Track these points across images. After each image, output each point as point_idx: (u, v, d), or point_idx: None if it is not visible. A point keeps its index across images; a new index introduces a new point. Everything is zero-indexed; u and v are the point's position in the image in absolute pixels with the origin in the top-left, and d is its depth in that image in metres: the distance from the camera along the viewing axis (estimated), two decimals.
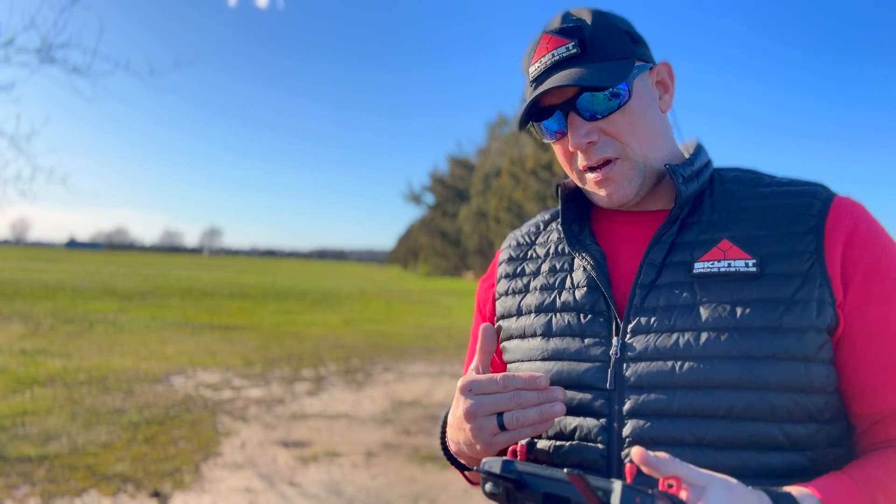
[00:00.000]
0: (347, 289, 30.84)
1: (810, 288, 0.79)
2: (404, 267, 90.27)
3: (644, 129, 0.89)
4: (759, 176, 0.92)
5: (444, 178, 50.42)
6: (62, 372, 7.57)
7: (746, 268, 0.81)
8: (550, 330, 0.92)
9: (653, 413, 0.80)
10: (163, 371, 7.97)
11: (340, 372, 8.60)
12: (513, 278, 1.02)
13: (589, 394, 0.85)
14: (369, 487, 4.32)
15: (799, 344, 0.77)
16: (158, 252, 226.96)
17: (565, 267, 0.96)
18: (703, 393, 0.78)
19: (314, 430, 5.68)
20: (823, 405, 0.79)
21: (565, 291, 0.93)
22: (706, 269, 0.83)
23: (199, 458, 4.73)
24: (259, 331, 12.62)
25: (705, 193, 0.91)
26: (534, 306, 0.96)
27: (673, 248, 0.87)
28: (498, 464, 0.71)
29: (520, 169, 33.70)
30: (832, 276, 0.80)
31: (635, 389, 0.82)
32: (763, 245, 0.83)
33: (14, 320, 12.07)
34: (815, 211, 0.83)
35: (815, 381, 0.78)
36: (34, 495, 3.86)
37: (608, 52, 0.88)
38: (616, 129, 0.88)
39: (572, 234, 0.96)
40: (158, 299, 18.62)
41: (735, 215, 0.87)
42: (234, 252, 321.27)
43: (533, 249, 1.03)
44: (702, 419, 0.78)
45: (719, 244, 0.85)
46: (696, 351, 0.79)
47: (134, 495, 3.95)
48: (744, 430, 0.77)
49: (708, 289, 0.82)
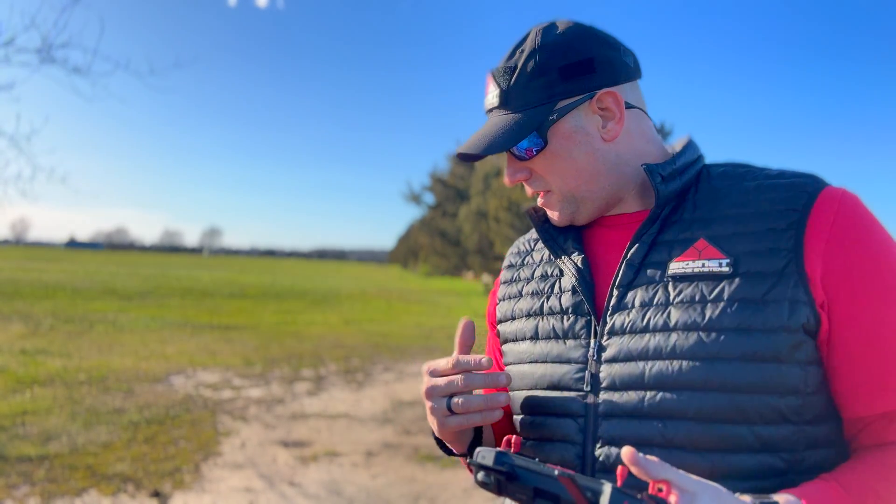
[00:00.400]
0: (347, 289, 30.85)
1: (784, 287, 0.77)
2: (404, 267, 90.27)
3: (569, 168, 0.91)
4: (748, 170, 0.90)
5: (444, 177, 50.39)
6: (62, 372, 7.57)
7: (720, 268, 0.80)
8: (537, 334, 0.95)
9: (625, 414, 0.81)
10: (163, 371, 7.97)
11: (340, 372, 8.60)
12: (510, 284, 1.06)
13: (568, 394, 0.87)
14: (369, 487, 4.32)
15: (769, 345, 0.76)
16: (158, 252, 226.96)
17: (555, 273, 0.99)
18: (671, 394, 0.78)
19: (314, 430, 5.68)
20: (799, 406, 0.77)
21: (553, 296, 0.96)
22: (680, 269, 0.83)
23: (199, 458, 4.73)
24: (259, 331, 12.62)
25: (690, 191, 0.90)
26: (524, 311, 0.99)
27: (653, 247, 0.87)
28: (492, 455, 0.71)
29: None
30: (810, 274, 0.77)
31: (609, 390, 0.83)
32: (740, 243, 0.81)
33: (14, 320, 12.07)
34: (799, 205, 0.80)
35: (789, 383, 0.76)
36: (34, 495, 3.86)
37: (526, 100, 0.90)
38: (541, 170, 0.93)
39: (556, 245, 0.98)
40: (158, 299, 18.62)
41: (716, 213, 0.86)
42: (234, 252, 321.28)
43: (530, 256, 1.07)
44: (671, 420, 0.78)
45: (696, 243, 0.84)
46: (666, 352, 0.79)
47: (134, 495, 3.95)
48: (712, 431, 0.76)
49: (681, 289, 0.82)
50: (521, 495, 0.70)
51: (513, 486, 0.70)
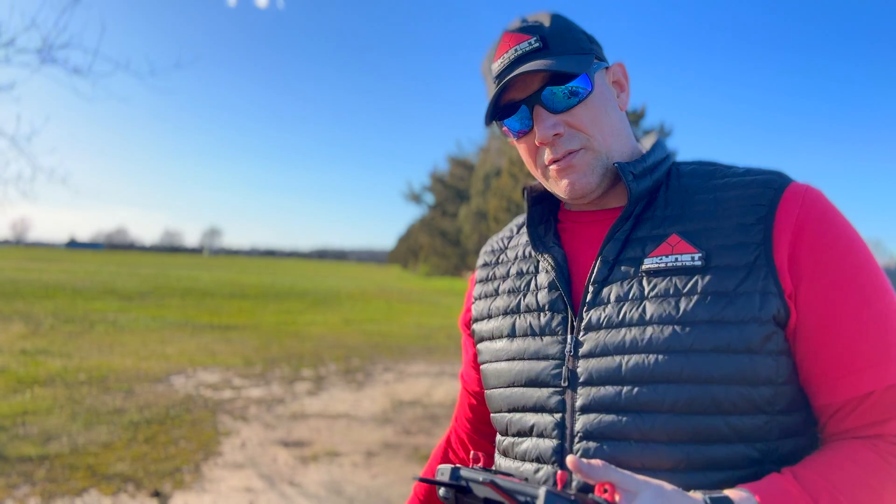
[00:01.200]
0: (347, 289, 30.85)
1: (755, 279, 0.79)
2: (404, 267, 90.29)
3: (606, 123, 0.91)
4: (715, 168, 0.93)
5: (444, 177, 50.43)
6: (62, 372, 7.58)
7: (692, 262, 0.82)
8: (514, 331, 0.95)
9: (602, 408, 0.82)
10: (163, 371, 7.98)
11: (340, 372, 8.60)
12: (485, 283, 1.06)
13: (546, 391, 0.88)
14: (369, 487, 4.32)
15: (741, 336, 0.77)
16: (158, 252, 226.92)
17: (531, 270, 0.98)
18: (647, 387, 0.79)
19: (314, 430, 5.68)
20: (772, 396, 0.78)
21: (529, 294, 0.96)
22: (654, 264, 0.84)
23: (199, 458, 4.73)
24: (259, 331, 12.62)
25: (661, 189, 0.92)
26: (501, 309, 0.99)
27: (626, 244, 0.88)
28: (447, 471, 0.76)
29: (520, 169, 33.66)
30: (779, 266, 0.79)
31: (586, 385, 0.84)
32: (711, 238, 0.83)
33: (14, 320, 12.08)
34: (765, 200, 0.83)
35: (762, 373, 0.78)
36: (34, 495, 3.87)
37: (568, 47, 0.89)
38: (580, 122, 0.89)
39: (537, 236, 0.98)
40: (158, 299, 18.62)
41: (687, 209, 0.88)
42: (234, 252, 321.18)
43: (504, 254, 1.06)
44: (647, 413, 0.79)
45: (668, 239, 0.85)
46: (641, 346, 0.81)
47: (134, 495, 3.95)
48: (687, 423, 0.77)
49: (655, 284, 0.83)
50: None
51: (468, 499, 0.74)
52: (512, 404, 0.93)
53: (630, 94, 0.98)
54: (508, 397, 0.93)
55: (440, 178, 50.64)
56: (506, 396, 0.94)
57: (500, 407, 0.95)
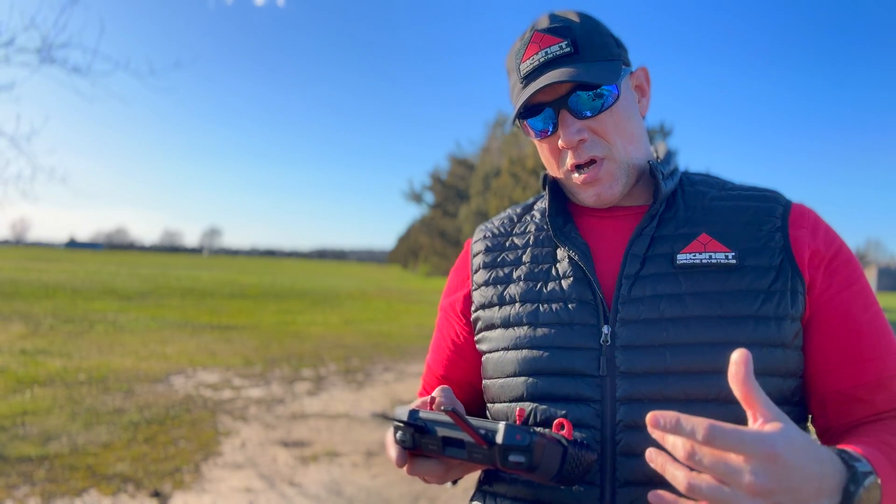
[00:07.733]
0: (347, 288, 30.85)
1: (784, 279, 0.85)
2: (404, 267, 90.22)
3: (628, 130, 0.93)
4: (723, 181, 1.00)
5: (444, 177, 50.40)
6: (62, 372, 7.57)
7: (727, 260, 0.87)
8: (538, 319, 0.93)
9: (646, 398, 0.83)
10: (163, 371, 7.97)
11: (340, 372, 8.60)
12: (493, 268, 1.02)
13: (580, 380, 0.87)
14: (369, 487, 4.32)
15: (778, 331, 0.83)
16: (158, 252, 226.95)
17: (548, 258, 0.98)
18: (694, 378, 0.82)
19: (314, 430, 5.68)
20: (795, 388, 0.86)
21: (551, 281, 0.95)
22: (689, 260, 0.88)
23: (199, 458, 4.73)
24: (259, 331, 12.62)
25: (678, 193, 0.96)
26: (518, 295, 0.96)
27: (653, 241, 0.91)
28: (405, 413, 0.76)
29: (520, 168, 33.67)
30: (801, 268, 0.86)
31: (627, 376, 0.85)
32: (738, 240, 0.88)
33: (14, 320, 12.07)
34: (777, 213, 0.91)
35: (791, 366, 0.84)
36: (34, 495, 3.86)
37: (598, 53, 0.91)
38: (604, 129, 0.91)
39: (557, 226, 0.98)
40: (158, 299, 18.62)
41: (709, 213, 0.92)
42: (234, 252, 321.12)
43: (510, 240, 1.04)
44: (693, 403, 0.81)
45: (699, 237, 0.89)
46: (686, 338, 0.83)
47: (134, 495, 3.95)
48: (729, 412, 0.79)
49: (692, 279, 0.87)
50: (433, 446, 0.74)
51: (425, 439, 0.74)
52: (541, 393, 0.89)
53: (651, 100, 1.00)
54: (536, 386, 0.90)
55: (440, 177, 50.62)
56: (532, 385, 0.90)
57: (516, 395, 0.92)
